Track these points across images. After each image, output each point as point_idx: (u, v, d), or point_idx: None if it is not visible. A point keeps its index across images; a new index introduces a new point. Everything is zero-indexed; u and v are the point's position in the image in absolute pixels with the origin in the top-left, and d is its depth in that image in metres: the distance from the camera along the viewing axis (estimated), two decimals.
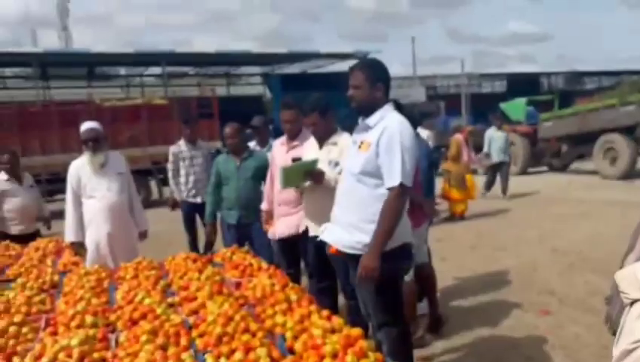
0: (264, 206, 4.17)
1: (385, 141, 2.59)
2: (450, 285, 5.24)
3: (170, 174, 5.87)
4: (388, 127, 2.61)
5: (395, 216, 2.61)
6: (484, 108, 25.06)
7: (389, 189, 2.60)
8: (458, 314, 4.46)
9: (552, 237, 7.07)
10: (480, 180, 10.51)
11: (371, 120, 2.69)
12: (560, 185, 12.00)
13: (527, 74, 36.64)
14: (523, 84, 30.03)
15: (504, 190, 10.60)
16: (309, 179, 3.34)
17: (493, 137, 10.62)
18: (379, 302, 2.72)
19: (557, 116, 14.87)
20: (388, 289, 2.68)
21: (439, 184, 9.20)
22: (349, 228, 2.72)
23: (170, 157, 5.80)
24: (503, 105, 17.10)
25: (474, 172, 10.32)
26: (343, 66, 23.63)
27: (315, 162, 3.35)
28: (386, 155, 2.58)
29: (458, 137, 9.05)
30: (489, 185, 10.88)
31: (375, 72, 2.74)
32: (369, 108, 2.71)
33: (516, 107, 16.36)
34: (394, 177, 2.57)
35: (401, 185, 2.56)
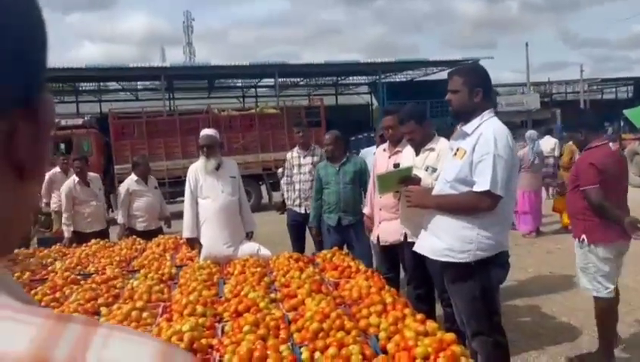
0: (366, 210, 4.26)
1: (479, 149, 2.57)
2: (555, 300, 4.95)
3: (283, 180, 5.89)
4: (483, 135, 2.58)
5: (464, 209, 2.62)
6: (606, 116, 23.30)
7: (475, 193, 2.58)
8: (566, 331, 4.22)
9: None
10: None
11: (469, 127, 2.67)
12: None
13: None
14: None
15: None
16: (403, 186, 3.37)
17: None
18: (473, 310, 2.69)
19: None
20: (483, 298, 2.63)
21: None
22: (440, 235, 2.72)
23: (286, 163, 5.79)
24: (627, 112, 15.73)
25: None
26: None
27: (409, 169, 3.37)
28: (479, 163, 2.56)
29: (571, 145, 8.52)
30: None
31: (474, 77, 2.71)
32: (467, 114, 2.69)
33: None
34: (482, 183, 2.53)
35: (489, 192, 2.52)
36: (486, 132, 2.58)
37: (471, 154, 2.58)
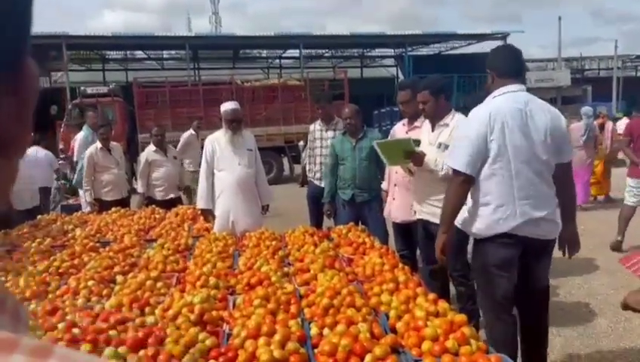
0: (384, 185, 4.23)
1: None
2: (574, 282, 4.87)
3: (305, 152, 5.81)
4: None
5: (451, 201, 2.78)
6: None
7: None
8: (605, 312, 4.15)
9: None
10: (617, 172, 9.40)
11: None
12: None
13: None
14: None
15: None
16: (410, 160, 3.41)
17: None
18: (477, 284, 2.68)
19: None
20: (481, 275, 2.68)
21: None
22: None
23: (309, 136, 5.73)
24: None
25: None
26: (478, 48, 22.61)
27: (409, 141, 3.41)
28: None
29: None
30: None
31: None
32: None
33: None
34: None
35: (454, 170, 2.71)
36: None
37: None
